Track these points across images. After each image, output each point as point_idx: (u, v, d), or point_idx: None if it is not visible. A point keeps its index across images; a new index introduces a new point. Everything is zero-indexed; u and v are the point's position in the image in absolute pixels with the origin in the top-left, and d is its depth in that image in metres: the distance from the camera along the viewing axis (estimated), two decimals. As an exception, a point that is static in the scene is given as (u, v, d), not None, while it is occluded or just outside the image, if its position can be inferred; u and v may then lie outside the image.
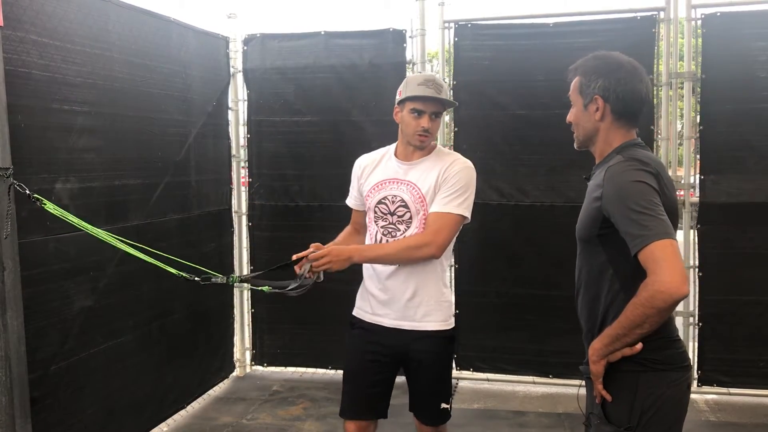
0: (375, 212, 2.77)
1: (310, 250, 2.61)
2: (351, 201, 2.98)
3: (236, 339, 5.15)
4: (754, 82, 4.32)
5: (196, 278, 2.80)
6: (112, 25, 3.52)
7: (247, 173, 5.14)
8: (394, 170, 2.78)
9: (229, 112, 4.98)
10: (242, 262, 5.17)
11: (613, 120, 2.04)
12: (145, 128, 3.84)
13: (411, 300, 2.70)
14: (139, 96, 3.76)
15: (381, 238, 2.76)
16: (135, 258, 3.62)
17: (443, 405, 2.78)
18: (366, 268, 2.84)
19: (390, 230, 2.74)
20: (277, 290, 2.63)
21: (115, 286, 3.51)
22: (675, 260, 1.74)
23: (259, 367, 5.25)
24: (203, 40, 4.57)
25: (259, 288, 2.68)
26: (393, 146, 2.86)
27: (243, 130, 5.11)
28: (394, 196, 2.73)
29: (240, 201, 5.19)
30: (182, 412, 4.31)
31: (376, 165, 2.84)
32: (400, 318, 2.73)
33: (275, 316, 5.15)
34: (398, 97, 2.74)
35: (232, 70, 4.97)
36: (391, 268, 2.71)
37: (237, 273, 5.06)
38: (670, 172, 4.49)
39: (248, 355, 5.26)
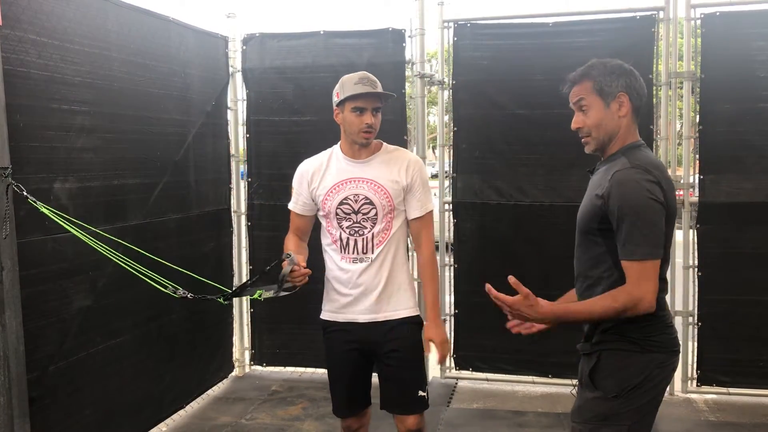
0: (337, 214, 2.79)
1: (294, 260, 2.64)
2: (297, 207, 2.94)
3: (235, 339, 5.15)
4: (754, 81, 4.32)
5: (188, 295, 2.90)
6: (111, 24, 3.52)
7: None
8: (348, 170, 2.81)
9: (228, 111, 4.97)
10: (241, 261, 5.17)
11: (632, 117, 2.15)
12: (144, 128, 3.83)
13: (383, 292, 2.79)
14: (138, 95, 3.76)
15: (347, 239, 2.79)
16: (133, 257, 3.63)
17: (420, 393, 2.83)
18: (332, 270, 2.85)
19: (356, 229, 2.78)
20: (270, 296, 2.71)
21: (113, 285, 3.50)
22: (654, 282, 1.98)
23: (258, 367, 5.24)
24: (202, 40, 4.56)
25: (253, 296, 2.76)
26: (335, 148, 2.91)
27: (242, 130, 5.11)
28: (357, 194, 2.77)
29: (239, 200, 5.18)
30: (181, 412, 4.30)
31: (325, 168, 2.86)
32: (374, 311, 2.80)
33: (274, 316, 5.15)
34: (336, 99, 2.80)
35: (231, 69, 4.97)
36: (363, 265, 2.78)
37: (236, 280, 5.07)
38: (669, 172, 4.47)
39: (247, 354, 5.25)
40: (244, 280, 5.15)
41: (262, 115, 5.02)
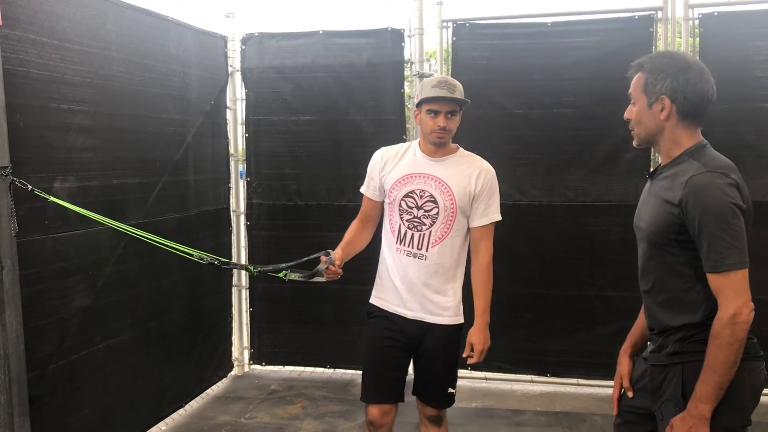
0: (400, 206, 2.86)
1: (331, 260, 2.78)
2: (368, 191, 3.03)
3: (234, 338, 5.15)
4: (752, 81, 4.33)
5: (215, 261, 3.08)
6: (110, 24, 3.52)
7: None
8: (421, 165, 2.89)
9: (227, 111, 4.98)
10: (240, 261, 5.17)
11: (679, 120, 2.05)
12: (144, 127, 3.84)
13: (431, 292, 2.84)
14: (137, 95, 3.76)
15: (405, 231, 2.84)
16: (133, 257, 3.64)
17: (450, 390, 2.92)
18: (386, 257, 2.92)
19: (415, 224, 2.84)
20: (295, 279, 2.85)
21: (113, 285, 3.51)
22: (746, 293, 1.86)
23: (258, 366, 5.25)
24: (201, 40, 4.57)
25: (278, 275, 2.88)
26: (415, 142, 2.99)
27: (241, 130, 5.11)
28: (422, 190, 2.83)
29: (238, 200, 5.19)
30: (180, 411, 4.31)
31: (399, 158, 2.94)
32: (421, 311, 2.85)
33: (273, 316, 5.16)
34: (416, 100, 2.89)
35: (230, 69, 4.97)
36: (415, 261, 2.83)
37: (234, 280, 5.11)
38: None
39: (246, 354, 5.25)
40: (243, 279, 5.17)
41: (261, 115, 5.03)
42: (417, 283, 2.83)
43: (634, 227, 2.22)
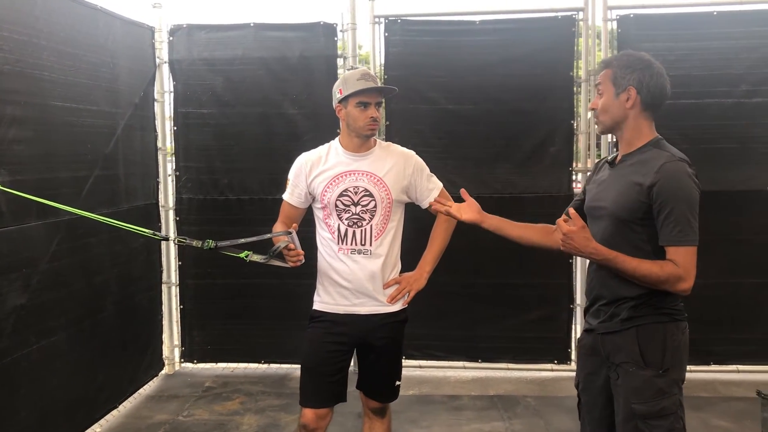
0: (337, 206, 2.82)
1: (293, 239, 2.71)
2: (293, 198, 2.95)
3: (165, 336, 5.03)
4: (663, 79, 4.63)
5: (169, 238, 3.17)
6: (38, 11, 3.37)
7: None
8: (347, 163, 2.86)
9: (155, 103, 4.85)
10: (170, 257, 5.06)
11: (641, 110, 2.28)
12: (75, 119, 3.70)
13: (379, 283, 2.85)
14: (67, 86, 3.62)
15: (346, 230, 2.82)
16: (66, 254, 3.52)
17: (397, 382, 2.98)
18: (329, 261, 2.87)
19: (355, 221, 2.82)
20: (257, 260, 2.76)
21: (47, 283, 3.37)
22: (695, 267, 2.16)
23: (189, 364, 5.15)
24: (129, 30, 4.44)
25: (238, 255, 2.79)
26: (334, 143, 2.95)
27: (169, 123, 4.99)
28: (356, 187, 2.82)
29: (167, 195, 5.06)
30: (114, 412, 4.18)
31: (324, 161, 2.88)
32: (370, 304, 2.85)
33: (204, 312, 5.07)
34: (339, 96, 2.84)
35: (157, 60, 4.84)
36: (361, 257, 2.82)
37: (164, 276, 4.98)
38: (588, 164, 4.79)
39: (177, 352, 5.14)
40: (173, 276, 5.06)
41: (191, 108, 4.93)
42: (365, 278, 2.82)
43: (587, 208, 2.45)
